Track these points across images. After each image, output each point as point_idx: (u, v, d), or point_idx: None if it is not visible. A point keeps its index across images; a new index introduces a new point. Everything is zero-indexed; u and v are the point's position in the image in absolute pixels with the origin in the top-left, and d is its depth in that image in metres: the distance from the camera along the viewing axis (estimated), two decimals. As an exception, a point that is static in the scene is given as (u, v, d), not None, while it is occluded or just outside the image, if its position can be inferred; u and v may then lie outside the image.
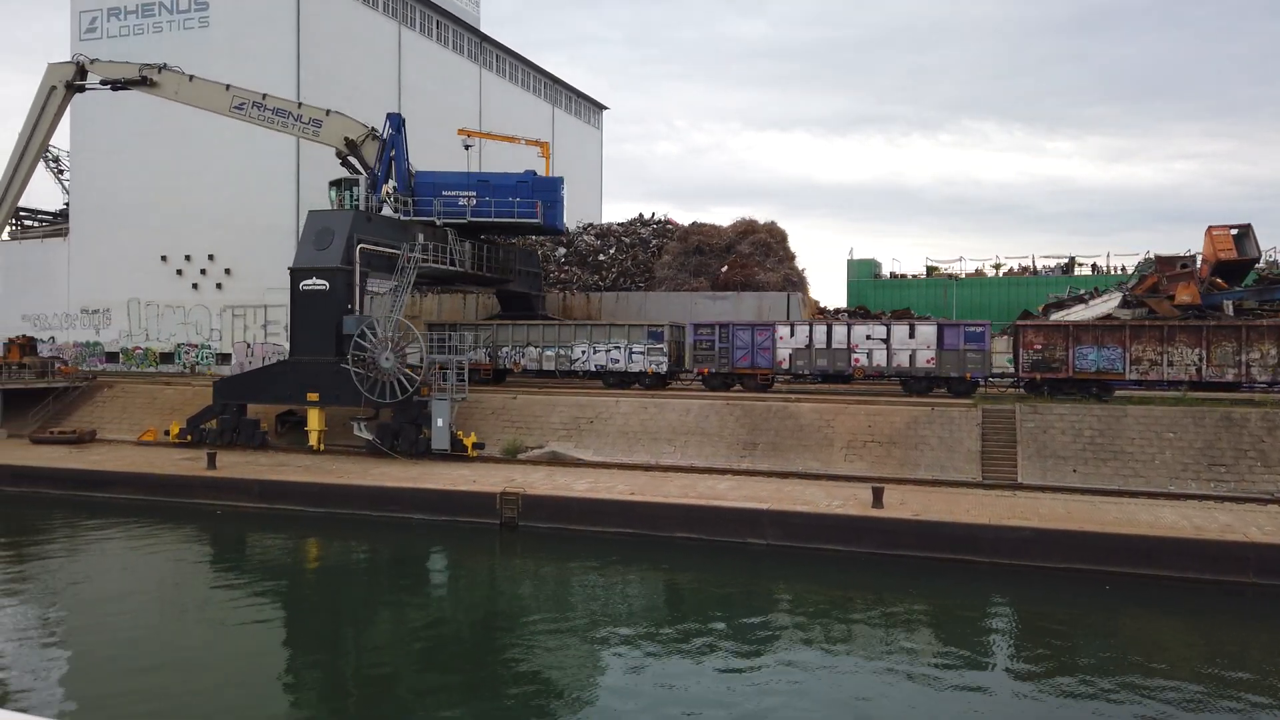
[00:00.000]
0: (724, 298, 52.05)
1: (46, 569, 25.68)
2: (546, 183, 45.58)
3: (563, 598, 22.71)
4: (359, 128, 44.38)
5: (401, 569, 26.47)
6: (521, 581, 24.65)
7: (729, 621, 20.33)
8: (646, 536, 26.54)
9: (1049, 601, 21.65)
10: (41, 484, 33.53)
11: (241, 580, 24.78)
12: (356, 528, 29.16)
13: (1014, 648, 19.11)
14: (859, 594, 22.33)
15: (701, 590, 23.32)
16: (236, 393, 38.13)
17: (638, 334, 39.63)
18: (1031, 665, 17.83)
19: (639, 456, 33.65)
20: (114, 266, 62.11)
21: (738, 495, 27.30)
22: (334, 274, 36.59)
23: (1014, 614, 21.34)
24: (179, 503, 31.72)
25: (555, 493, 27.93)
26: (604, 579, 24.39)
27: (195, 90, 45.06)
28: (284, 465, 33.69)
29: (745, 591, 23.20)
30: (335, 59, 60.62)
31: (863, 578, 23.64)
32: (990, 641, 19.61)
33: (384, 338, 35.15)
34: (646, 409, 35.75)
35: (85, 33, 64.06)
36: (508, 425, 36.80)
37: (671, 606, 22.02)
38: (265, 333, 59.17)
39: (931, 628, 20.35)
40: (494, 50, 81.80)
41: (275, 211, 58.35)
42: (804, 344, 36.77)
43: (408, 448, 35.30)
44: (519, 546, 27.38)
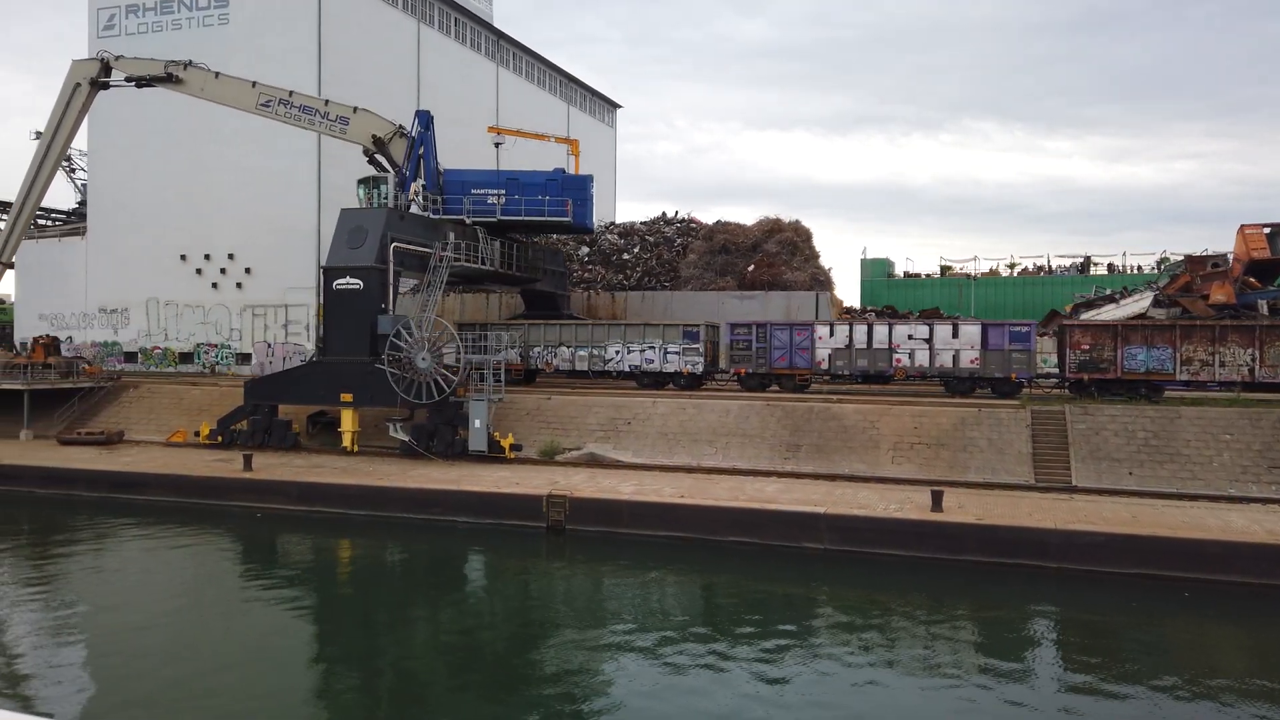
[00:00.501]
0: (752, 297, 51.54)
1: (83, 572, 25.26)
2: (575, 181, 45.08)
3: (611, 603, 22.22)
4: (386, 125, 43.92)
5: (445, 573, 26.03)
6: (568, 586, 24.15)
7: (784, 628, 19.88)
8: (698, 540, 26.03)
9: (1124, 610, 21.12)
10: (75, 486, 33.05)
11: (281, 583, 24.30)
12: (399, 531, 28.68)
13: (1096, 657, 18.58)
14: (921, 600, 21.81)
15: (756, 596, 22.80)
16: (268, 393, 37.65)
17: (673, 334, 39.11)
18: (1120, 676, 17.32)
19: (679, 458, 33.15)
20: (132, 266, 61.64)
21: (789, 498, 26.79)
22: (368, 273, 36.10)
23: (1089, 622, 20.80)
24: (215, 505, 31.24)
25: (602, 495, 27.43)
26: (654, 583, 23.91)
27: (221, 87, 44.59)
28: (319, 467, 33.20)
29: (802, 597, 22.71)
30: (356, 57, 60.16)
31: (924, 583, 23.11)
32: (1068, 651, 19.09)
33: (420, 338, 34.65)
34: (685, 410, 35.25)
35: (103, 30, 63.63)
36: (543, 426, 36.30)
37: (725, 612, 21.49)
38: (286, 332, 58.69)
39: (1002, 636, 19.86)
40: (510, 48, 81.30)
41: (296, 211, 57.87)
42: (844, 344, 36.25)
43: (444, 449, 34.81)
44: (566, 550, 26.88)
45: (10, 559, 26.60)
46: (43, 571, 25.28)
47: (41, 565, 25.96)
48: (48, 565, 25.97)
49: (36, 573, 25.06)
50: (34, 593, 23.04)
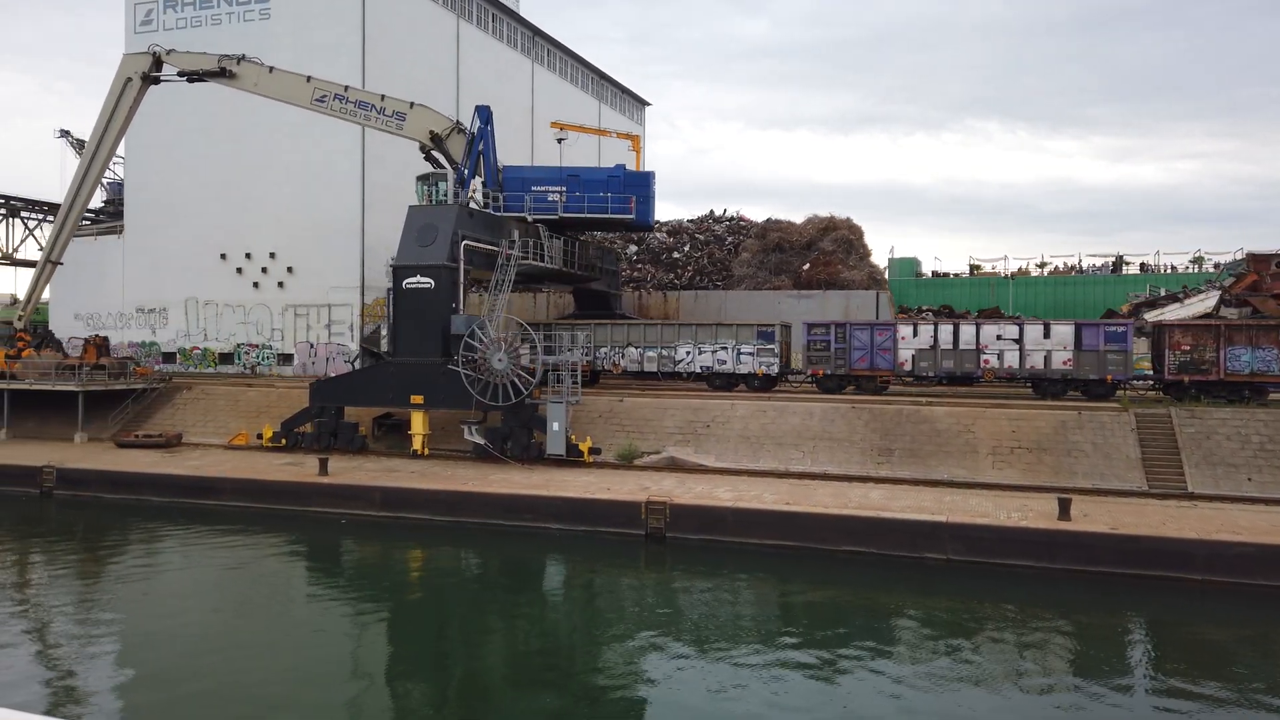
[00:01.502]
0: (809, 296, 50.58)
1: (161, 579, 24.41)
2: (637, 178, 44.11)
3: (717, 615, 21.16)
4: (444, 121, 43.00)
5: (539, 582, 25.11)
6: (670, 596, 23.12)
7: (912, 642, 19.00)
8: (808, 549, 25.05)
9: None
10: (144, 491, 32.12)
11: (368, 592, 23.51)
12: (488, 538, 27.72)
13: (1260, 679, 17.56)
14: (1057, 615, 20.79)
15: (877, 608, 21.82)
16: (334, 395, 36.71)
17: (746, 334, 38.10)
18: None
19: (765, 463, 32.16)
20: (171, 265, 60.72)
21: (901, 506, 25.80)
22: (439, 271, 35.14)
23: (1248, 638, 19.78)
24: (293, 510, 30.30)
25: (704, 502, 26.45)
26: (765, 594, 22.95)
27: (275, 82, 43.67)
28: (394, 471, 32.26)
29: (927, 610, 21.66)
30: (398, 52, 59.26)
31: (1057, 596, 22.11)
32: (1231, 669, 18.06)
33: (496, 338, 33.69)
34: (765, 413, 34.26)
35: (140, 25, 62.74)
36: (618, 430, 35.34)
37: (845, 626, 20.45)
38: (329, 333, 57.77)
39: (1156, 655, 18.86)
40: (545, 44, 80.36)
41: (340, 209, 56.93)
42: (928, 344, 35.23)
43: (519, 452, 33.85)
44: (667, 559, 25.91)
45: (88, 566, 25.68)
46: (121, 579, 24.36)
47: (119, 572, 25.06)
48: (125, 572, 25.07)
49: (116, 581, 24.16)
50: (114, 601, 22.16)
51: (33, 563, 26.20)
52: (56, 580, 24.34)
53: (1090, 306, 60.16)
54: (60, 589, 23.41)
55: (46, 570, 25.44)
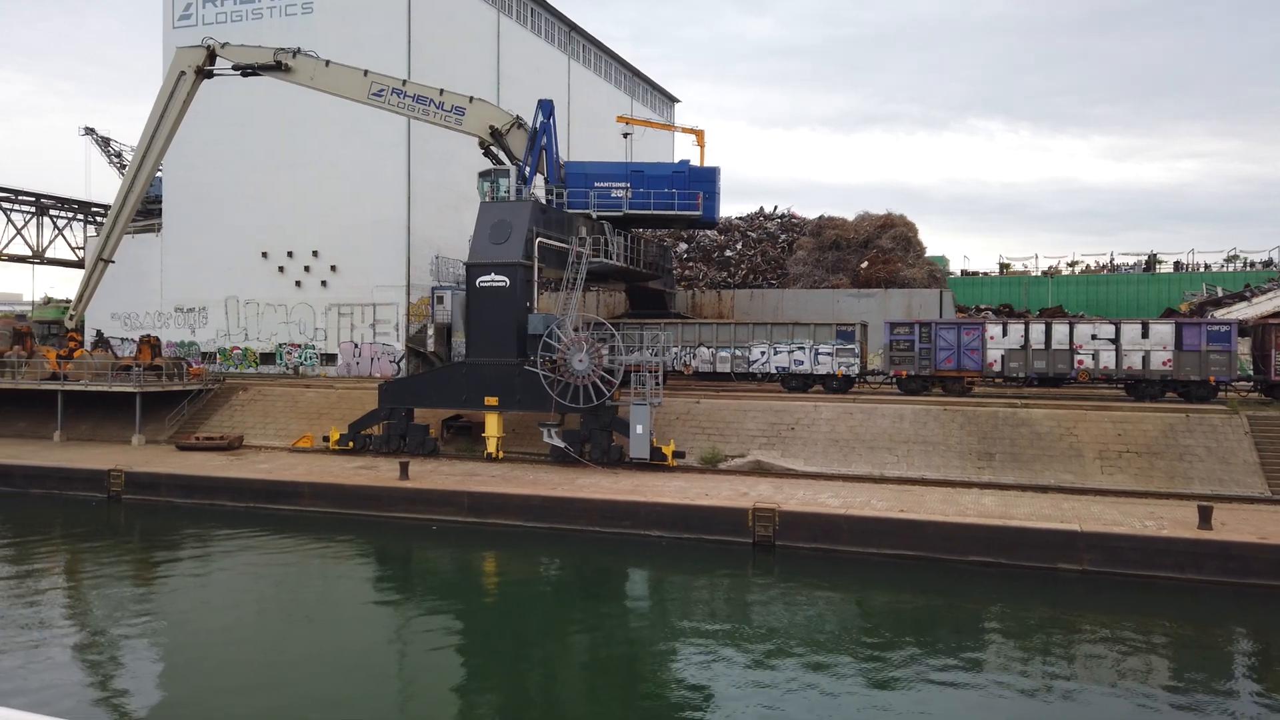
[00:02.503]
0: (869, 295, 49.53)
1: (241, 587, 23.41)
2: (703, 173, 43.09)
3: (834, 628, 20.09)
4: (504, 116, 41.96)
5: (644, 590, 24.08)
6: (780, 608, 22.05)
7: (1055, 659, 17.98)
8: (930, 560, 23.99)
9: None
10: (219, 495, 31.12)
11: (464, 601, 22.78)
12: (586, 545, 26.70)
13: None
14: (1210, 628, 19.77)
15: (1011, 622, 20.74)
16: (404, 397, 35.72)
17: (825, 333, 37.05)
18: None
19: (857, 467, 31.11)
20: (210, 263, 59.76)
21: (1023, 514, 24.75)
22: (514, 269, 34.13)
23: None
24: (375, 516, 29.30)
25: (816, 509, 25.41)
26: (887, 607, 21.86)
27: (331, 76, 42.67)
28: (475, 475, 31.25)
29: (1065, 625, 20.58)
30: (443, 47, 58.29)
31: (1205, 611, 21.08)
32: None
33: (577, 338, 32.67)
34: (852, 415, 33.21)
35: (179, 20, 61.78)
36: (698, 432, 34.32)
37: (976, 640, 19.42)
38: (374, 332, 56.78)
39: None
40: (580, 39, 79.41)
41: (384, 207, 55.94)
42: (1018, 344, 34.16)
43: (599, 456, 32.85)
44: (776, 568, 24.87)
45: (166, 574, 24.69)
46: (201, 587, 23.39)
47: (198, 580, 24.08)
48: (204, 580, 24.09)
49: (196, 589, 23.18)
50: (196, 610, 21.20)
51: (107, 570, 25.19)
52: (136, 588, 23.36)
53: (1125, 305, 59.19)
54: (140, 597, 22.43)
55: (125, 578, 24.46)
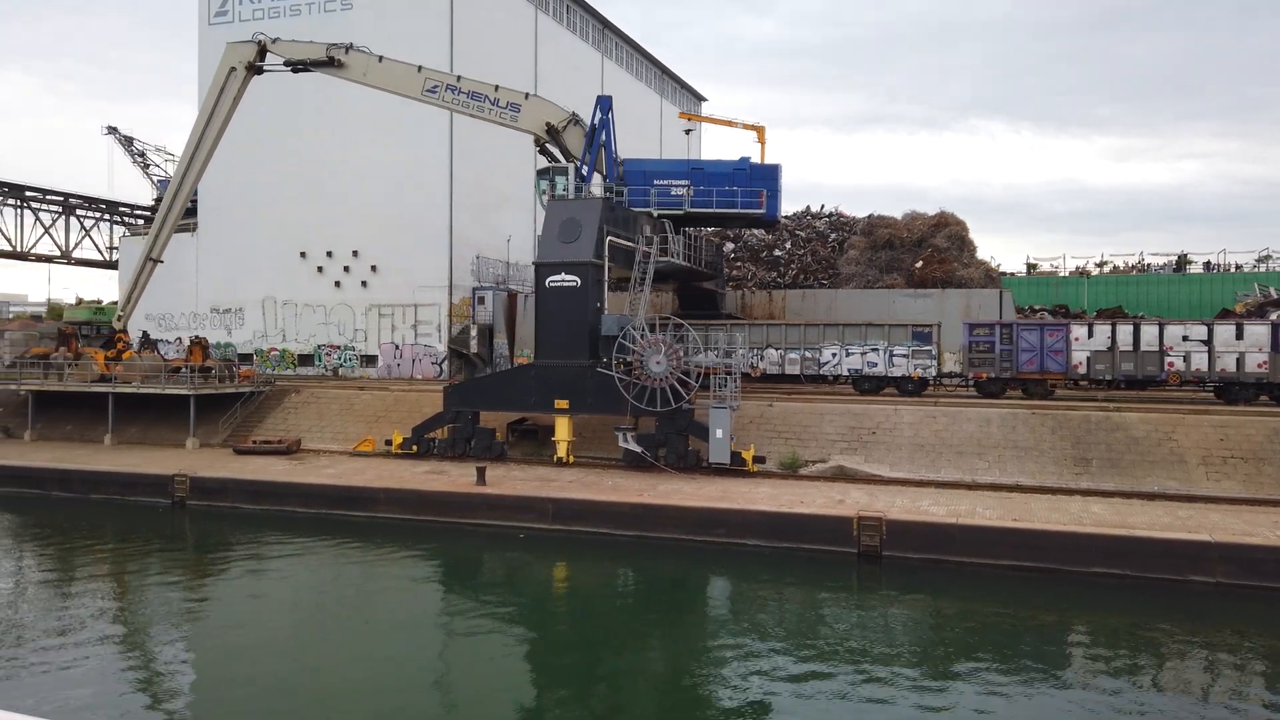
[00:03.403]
0: (926, 295, 48.47)
1: (323, 594, 22.51)
2: (764, 170, 42.14)
3: (953, 645, 19.01)
4: (560, 112, 40.98)
5: (745, 603, 22.91)
6: (892, 623, 21.02)
7: (1190, 674, 16.99)
8: (1047, 570, 22.99)
9: None
10: (290, 501, 30.21)
11: (549, 613, 21.96)
12: (678, 554, 25.74)
13: None
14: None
15: (1143, 637, 19.66)
16: (470, 400, 34.79)
17: (900, 334, 36.10)
18: None
19: (947, 473, 30.13)
20: (247, 263, 58.97)
21: (1143, 522, 23.76)
22: (585, 269, 33.19)
23: None
24: (454, 523, 28.37)
25: (925, 518, 24.44)
26: (1008, 622, 20.81)
27: (385, 72, 41.73)
28: (550, 480, 30.31)
29: (1200, 640, 19.61)
30: (483, 44, 57.47)
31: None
32: None
33: (654, 339, 31.73)
34: (935, 419, 32.25)
35: (215, 16, 61.02)
36: (773, 436, 33.37)
37: (1108, 656, 18.33)
38: (415, 334, 55.96)
39: None
40: (614, 37, 78.60)
41: (426, 206, 55.13)
42: (1104, 345, 33.18)
43: (675, 461, 31.91)
44: (883, 579, 23.91)
45: (242, 584, 23.78)
46: (280, 596, 22.50)
47: (275, 588, 23.19)
48: (282, 588, 23.21)
49: (275, 598, 22.28)
50: (279, 617, 20.29)
51: (178, 578, 24.29)
52: (209, 597, 22.46)
53: (1157, 306, 58.29)
54: (214, 606, 21.53)
55: (196, 586, 23.56)
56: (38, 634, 19.23)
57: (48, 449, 38.13)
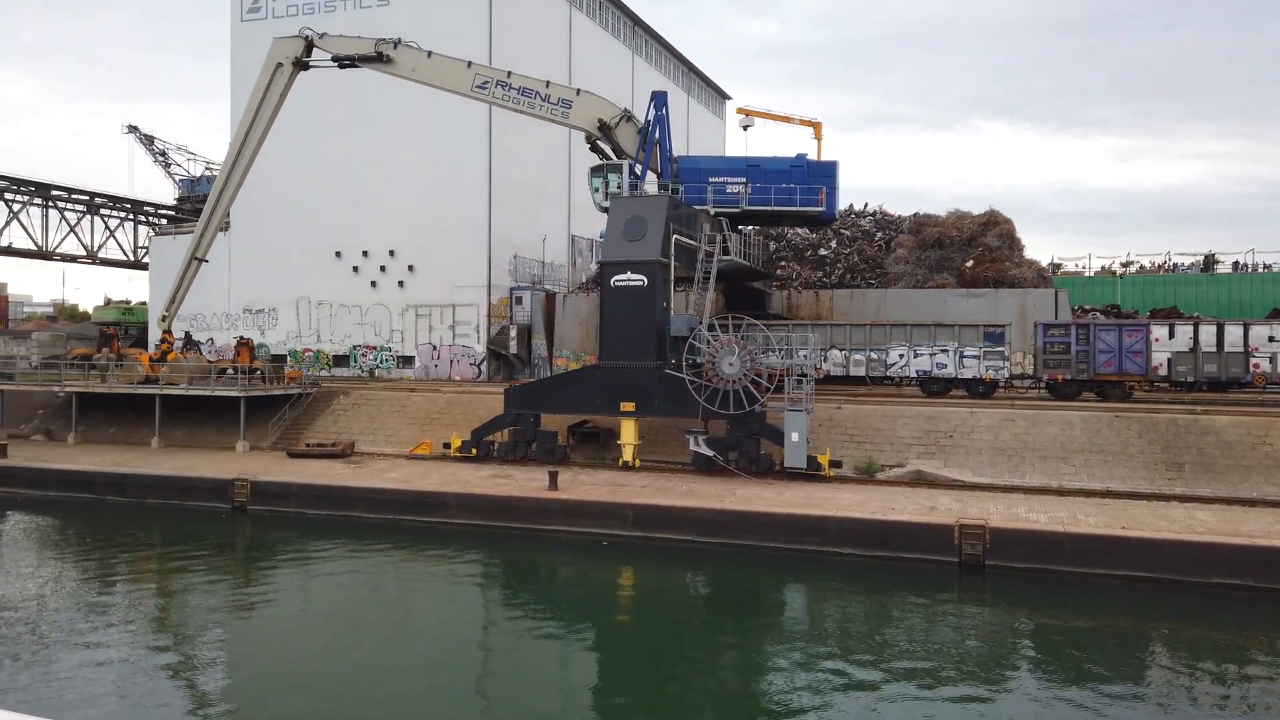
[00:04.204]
0: (979, 295, 47.44)
1: (397, 602, 21.63)
2: (822, 167, 41.26)
3: (1071, 663, 18.01)
4: (612, 109, 40.24)
5: (840, 615, 21.92)
6: (1001, 636, 20.19)
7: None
8: (1160, 581, 22.07)
9: None
10: (356, 506, 29.35)
11: (638, 624, 20.90)
12: (766, 563, 24.83)
13: None
14: None
15: (1275, 650, 18.87)
16: (532, 402, 33.92)
17: (970, 335, 35.22)
18: None
19: (1032, 478, 29.23)
20: (281, 263, 58.22)
21: (1255, 530, 22.85)
22: (652, 268, 32.30)
23: None
24: (528, 529, 27.51)
25: (1031, 526, 23.54)
26: (1127, 636, 19.93)
27: (434, 68, 40.94)
28: (622, 485, 29.44)
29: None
30: (520, 41, 56.65)
31: None
32: None
33: (728, 340, 30.84)
34: (1014, 422, 31.34)
35: (247, 13, 60.33)
36: (845, 439, 32.49)
37: (1243, 675, 17.57)
38: (453, 334, 55.15)
39: None
40: (644, 35, 77.80)
41: (464, 205, 54.32)
42: (1186, 346, 32.27)
43: (747, 465, 31.02)
44: (987, 590, 23.02)
45: (323, 593, 22.93)
46: (351, 603, 21.66)
47: (347, 596, 22.34)
48: (355, 596, 22.36)
49: (347, 605, 21.43)
50: (352, 626, 19.45)
51: (248, 585, 23.49)
52: (281, 605, 21.62)
53: (1185, 306, 57.48)
54: (288, 615, 20.69)
55: (269, 593, 22.74)
56: (114, 639, 18.43)
57: (94, 452, 37.33)
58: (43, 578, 24.01)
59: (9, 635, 18.80)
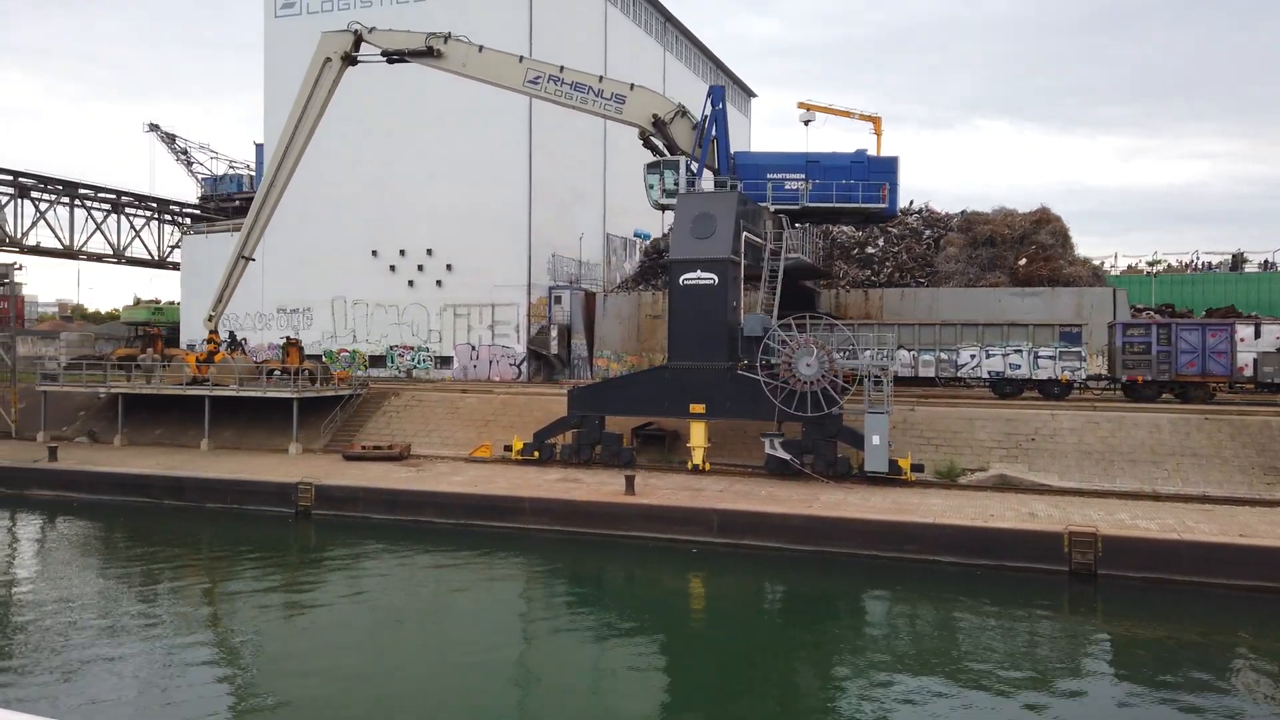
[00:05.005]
0: (1035, 294, 46.54)
1: (488, 611, 20.75)
2: (883, 163, 40.38)
3: (1188, 676, 17.15)
4: (667, 104, 39.35)
5: (945, 629, 20.99)
6: (1115, 649, 19.31)
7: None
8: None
9: None
10: (426, 511, 28.46)
11: (737, 637, 19.85)
12: (861, 572, 23.93)
13: None
14: None
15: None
16: (597, 404, 33.04)
17: (1045, 335, 34.27)
18: None
19: (1123, 482, 28.27)
20: (316, 262, 57.43)
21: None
22: (723, 266, 31.41)
23: None
24: (606, 535, 26.63)
25: (1146, 534, 22.60)
26: (1258, 650, 19.02)
27: (485, 62, 40.07)
28: (700, 490, 28.56)
29: None
30: (559, 36, 55.79)
31: None
32: None
33: (806, 340, 29.95)
34: (1098, 425, 30.40)
35: (281, 9, 59.61)
36: (921, 442, 31.57)
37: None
38: (492, 334, 54.30)
39: None
40: (675, 31, 76.90)
41: (503, 203, 53.47)
42: (1273, 347, 31.31)
43: (824, 468, 30.12)
44: (1098, 601, 22.11)
45: (398, 602, 22.10)
46: (439, 612, 20.80)
47: (435, 604, 21.49)
48: (443, 605, 21.50)
49: (436, 615, 20.58)
50: (445, 637, 18.59)
51: (332, 592, 22.63)
52: (364, 616, 20.78)
53: (1217, 304, 56.59)
54: (375, 625, 19.85)
55: (352, 603, 21.87)
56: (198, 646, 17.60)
57: (143, 454, 36.52)
58: (111, 582, 23.22)
59: (82, 641, 17.98)
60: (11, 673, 16.78)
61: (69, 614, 20.17)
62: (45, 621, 19.65)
